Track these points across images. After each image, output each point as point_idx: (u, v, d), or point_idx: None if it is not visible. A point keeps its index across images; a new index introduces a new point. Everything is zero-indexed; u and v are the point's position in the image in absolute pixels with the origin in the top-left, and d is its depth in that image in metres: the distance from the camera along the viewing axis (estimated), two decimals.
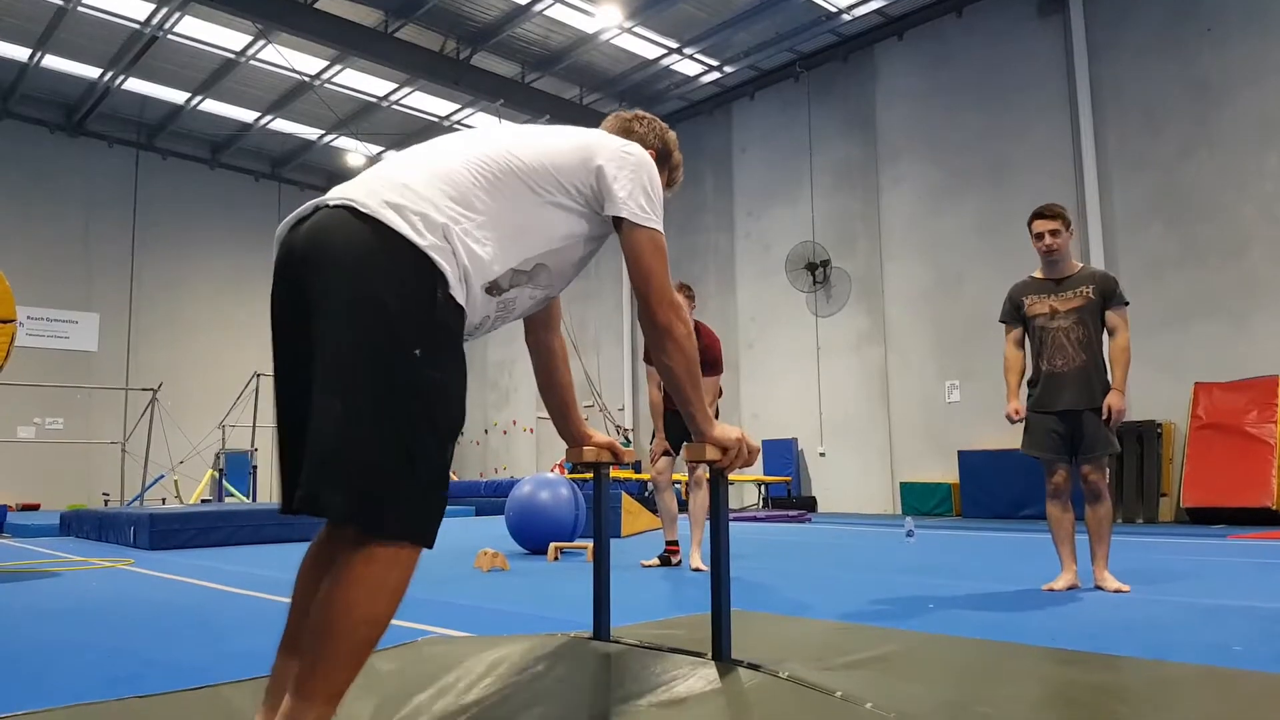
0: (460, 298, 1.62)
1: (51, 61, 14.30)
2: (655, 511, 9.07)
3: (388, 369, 1.50)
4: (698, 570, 5.21)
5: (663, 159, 2.14)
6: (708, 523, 3.60)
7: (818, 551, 6.92)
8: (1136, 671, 2.31)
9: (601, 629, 2.37)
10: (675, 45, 13.79)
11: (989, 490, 11.10)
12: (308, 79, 14.49)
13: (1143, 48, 10.77)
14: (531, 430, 18.46)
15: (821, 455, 13.69)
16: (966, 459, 11.56)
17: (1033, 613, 3.58)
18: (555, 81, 15.06)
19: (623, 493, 9.36)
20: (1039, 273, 4.43)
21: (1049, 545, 4.47)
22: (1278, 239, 9.62)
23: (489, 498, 14.09)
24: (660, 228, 1.86)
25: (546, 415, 2.34)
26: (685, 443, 2.35)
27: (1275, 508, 8.92)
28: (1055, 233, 4.29)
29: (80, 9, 12.70)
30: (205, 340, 17.60)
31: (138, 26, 13.21)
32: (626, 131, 2.12)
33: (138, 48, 13.77)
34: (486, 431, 19.87)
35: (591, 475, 2.43)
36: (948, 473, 12.00)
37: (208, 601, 4.24)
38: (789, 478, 13.64)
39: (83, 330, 16.38)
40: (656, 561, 5.57)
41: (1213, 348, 9.92)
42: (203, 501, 13.20)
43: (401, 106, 15.91)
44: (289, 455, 1.65)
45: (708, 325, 5.69)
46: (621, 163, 1.84)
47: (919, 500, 12.14)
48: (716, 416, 4.97)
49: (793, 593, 4.34)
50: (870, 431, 13.10)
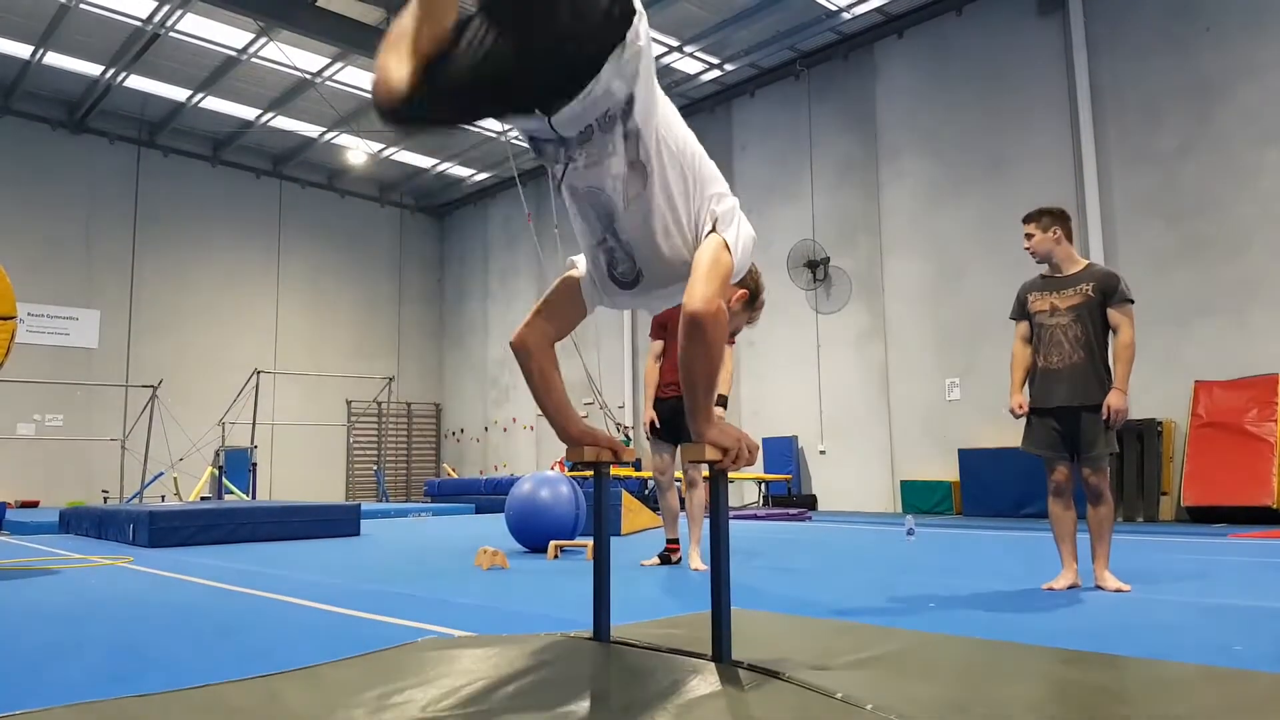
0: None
1: (53, 59, 14.30)
2: (656, 509, 9.07)
3: None
4: (697, 570, 5.21)
5: (751, 299, 2.50)
6: (706, 521, 3.59)
7: (818, 550, 6.92)
8: (1137, 671, 2.31)
9: (601, 629, 2.37)
10: (676, 43, 13.77)
11: (989, 488, 11.10)
12: (309, 76, 14.48)
13: (1142, 45, 10.76)
14: (531, 428, 18.47)
15: (822, 453, 13.69)
16: (967, 457, 11.55)
17: (1033, 612, 3.58)
18: None
19: (623, 490, 9.36)
20: (1045, 270, 4.45)
21: (1050, 544, 4.47)
22: (1278, 236, 9.61)
23: (489, 495, 14.11)
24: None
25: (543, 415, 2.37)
26: (684, 443, 2.36)
27: (1276, 506, 8.92)
28: (1029, 235, 4.39)
29: (82, 6, 12.70)
30: (206, 337, 17.60)
31: (139, 24, 13.20)
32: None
33: (139, 45, 13.76)
34: (486, 429, 19.88)
35: (592, 473, 2.43)
36: (948, 471, 12.00)
37: (207, 599, 4.24)
38: (789, 476, 13.64)
39: (83, 327, 16.38)
40: (656, 560, 5.57)
41: (1213, 346, 9.91)
42: (202, 499, 13.20)
43: None
44: None
45: None
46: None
47: (919, 498, 12.14)
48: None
49: (793, 591, 4.33)
50: (871, 429, 13.10)
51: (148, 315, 17.07)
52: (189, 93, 15.57)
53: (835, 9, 12.83)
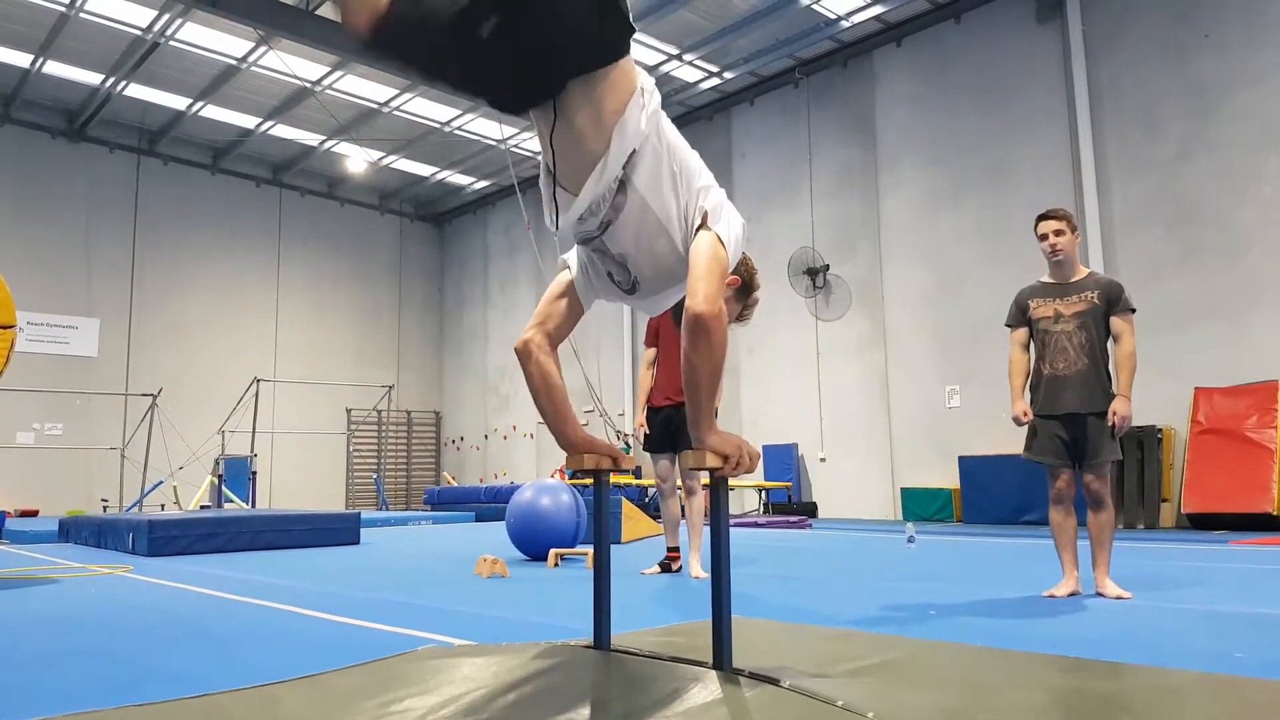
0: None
1: (53, 68, 14.34)
2: (657, 517, 9.06)
3: None
4: (698, 578, 5.20)
5: (745, 290, 2.52)
6: (706, 529, 3.59)
7: (818, 558, 6.91)
8: (1138, 678, 2.31)
9: (602, 637, 2.36)
10: (675, 51, 13.81)
11: (990, 496, 11.09)
12: (309, 85, 14.52)
13: (1141, 52, 10.79)
14: (531, 436, 18.46)
15: (822, 461, 13.68)
16: (967, 464, 11.55)
17: (1034, 620, 3.57)
18: None
19: (623, 498, 9.35)
20: (1047, 277, 4.44)
21: (1050, 551, 4.46)
22: (1277, 242, 9.62)
23: (489, 504, 14.09)
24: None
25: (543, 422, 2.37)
26: (685, 450, 2.35)
27: (1276, 513, 8.91)
28: (1059, 233, 4.31)
29: (82, 15, 12.74)
30: (205, 346, 17.61)
31: (139, 33, 13.24)
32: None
33: (139, 54, 13.80)
34: (486, 437, 19.87)
35: (592, 481, 2.43)
36: (948, 478, 11.99)
37: (207, 608, 4.23)
38: (789, 483, 13.63)
39: (83, 336, 16.39)
40: (657, 569, 5.56)
41: (1213, 352, 9.91)
42: (202, 507, 13.19)
43: (402, 112, 15.94)
44: None
45: None
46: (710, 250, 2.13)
47: (920, 506, 12.13)
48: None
49: (794, 599, 4.33)
50: (871, 437, 13.09)
51: (147, 324, 17.07)
52: (189, 101, 15.60)
53: (834, 17, 12.86)
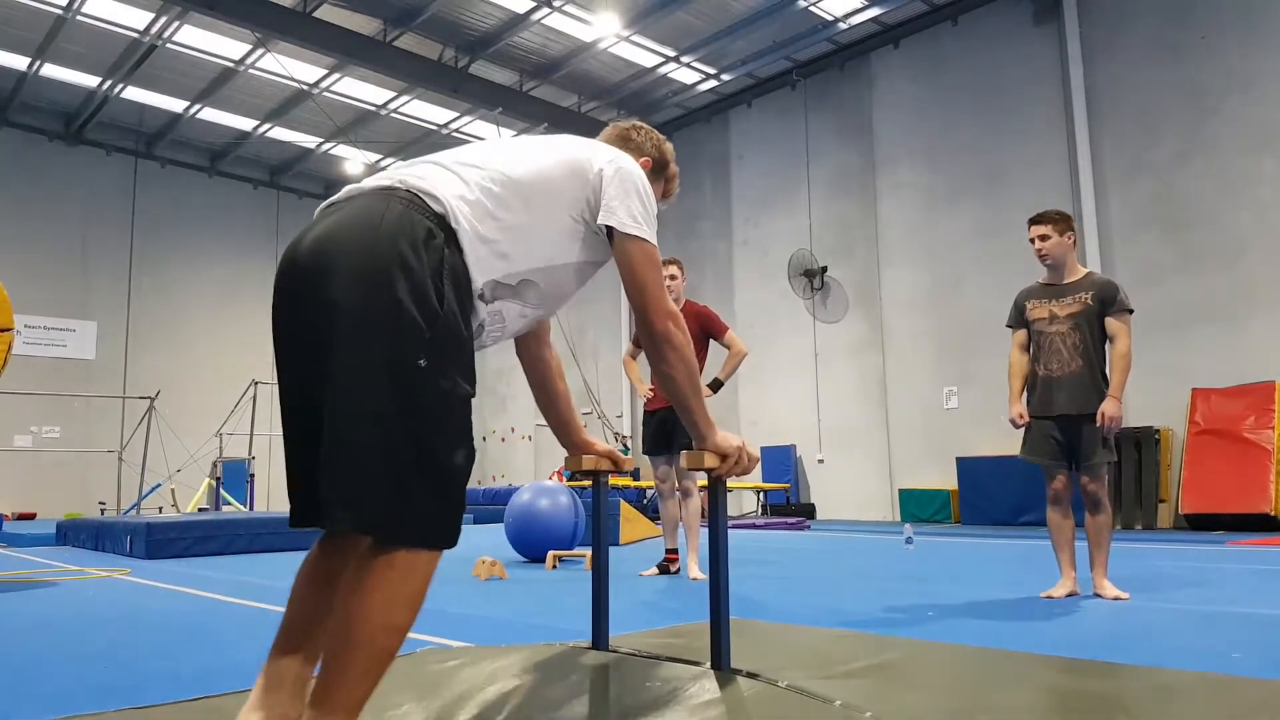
0: (473, 273, 1.63)
1: (50, 70, 14.33)
2: (656, 519, 9.06)
3: (397, 379, 1.49)
4: (696, 579, 5.20)
5: (659, 169, 2.15)
6: (704, 531, 3.59)
7: (816, 559, 6.91)
8: (1135, 679, 2.31)
9: (600, 638, 2.37)
10: (673, 53, 13.83)
11: (988, 497, 11.10)
12: (306, 87, 14.52)
13: (1138, 55, 10.81)
14: (530, 438, 18.46)
15: (820, 462, 13.68)
16: (965, 465, 11.56)
17: (1032, 620, 3.57)
18: (553, 90, 15.09)
19: (621, 500, 9.35)
20: (1045, 278, 4.45)
21: (1048, 552, 4.47)
22: (1274, 244, 9.64)
23: (487, 505, 14.08)
24: (652, 239, 1.84)
25: (545, 423, 2.35)
26: (684, 450, 2.34)
27: (1273, 514, 8.93)
28: (1045, 237, 4.32)
29: (79, 18, 12.73)
30: (203, 348, 17.59)
31: (137, 35, 13.24)
32: (624, 140, 2.13)
33: (136, 56, 13.80)
34: (484, 439, 19.86)
35: (590, 483, 2.43)
36: (946, 479, 12.00)
37: (205, 611, 4.22)
38: (788, 485, 13.63)
39: (80, 338, 16.37)
40: (655, 570, 5.56)
41: (1210, 353, 9.93)
42: (200, 510, 13.17)
43: (400, 115, 15.95)
44: (298, 466, 1.64)
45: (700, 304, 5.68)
46: (615, 173, 1.83)
47: (918, 507, 12.14)
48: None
49: (792, 601, 4.33)
50: (869, 438, 13.10)
51: (145, 326, 17.06)
52: (186, 104, 15.60)
53: (831, 19, 12.88)
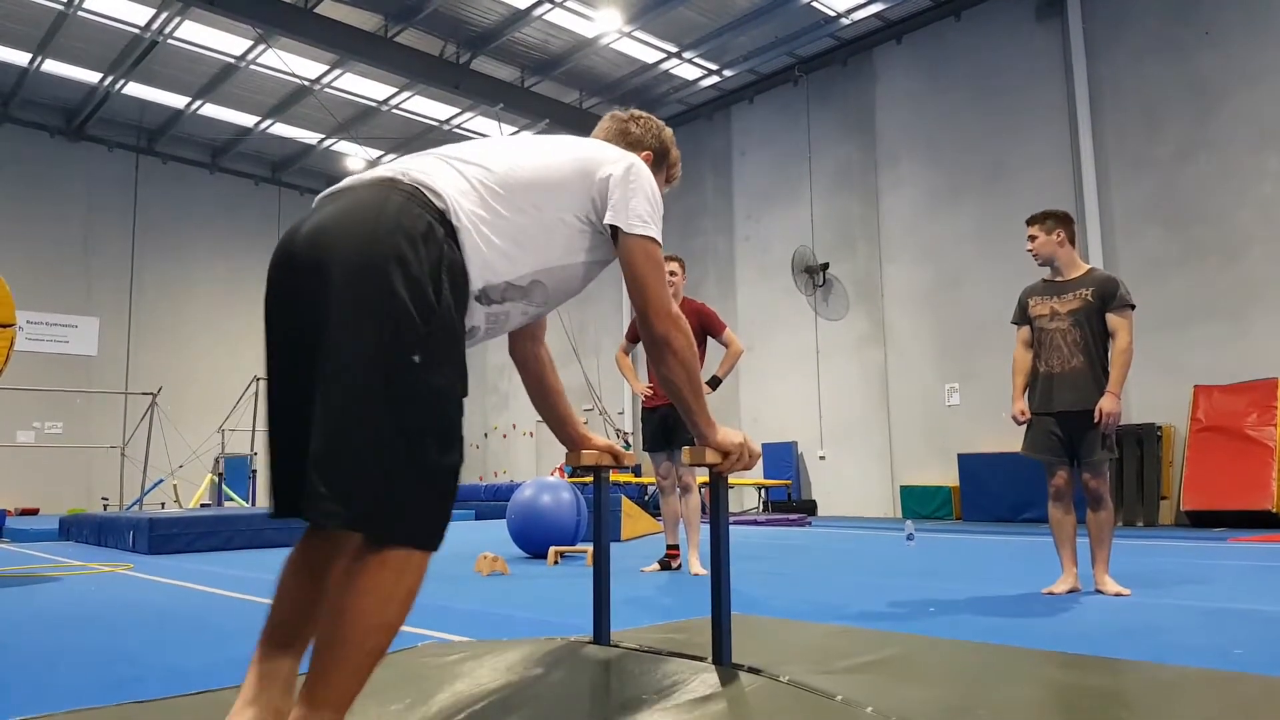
0: (472, 274, 1.62)
1: (52, 66, 14.32)
2: (657, 515, 9.07)
3: (390, 374, 1.48)
4: (697, 575, 5.21)
5: (660, 158, 2.14)
6: (705, 527, 3.59)
7: (818, 555, 6.91)
8: (1137, 675, 2.31)
9: (601, 633, 2.37)
10: (675, 49, 13.81)
11: (989, 493, 11.10)
12: (308, 83, 14.51)
13: (1141, 50, 10.79)
14: (531, 434, 18.46)
15: (821, 458, 13.68)
16: (966, 462, 11.55)
17: (1033, 616, 3.58)
18: (555, 85, 15.08)
19: (622, 496, 9.36)
20: (1048, 275, 4.46)
21: (1049, 548, 4.47)
22: (1276, 240, 9.62)
23: (489, 501, 14.09)
24: (657, 237, 1.83)
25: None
26: (686, 446, 2.34)
27: (1275, 510, 8.92)
28: (1032, 237, 4.39)
29: (81, 14, 12.73)
30: (205, 344, 17.60)
31: (138, 31, 13.23)
32: (623, 133, 2.12)
33: (138, 52, 13.79)
34: (486, 435, 19.87)
35: (592, 479, 2.43)
36: (948, 476, 12.00)
37: (207, 606, 4.23)
38: (789, 481, 13.63)
39: (82, 334, 16.38)
40: (656, 566, 5.57)
41: (1212, 350, 9.92)
42: (202, 506, 13.19)
43: (401, 111, 15.93)
44: (283, 458, 1.63)
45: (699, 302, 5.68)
46: (623, 173, 1.83)
47: (919, 503, 12.13)
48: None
49: (793, 596, 4.33)
50: (870, 434, 13.10)
51: (147, 322, 17.07)
52: (188, 100, 15.59)
53: (834, 15, 12.86)
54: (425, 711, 1.91)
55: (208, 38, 13.49)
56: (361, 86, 15.02)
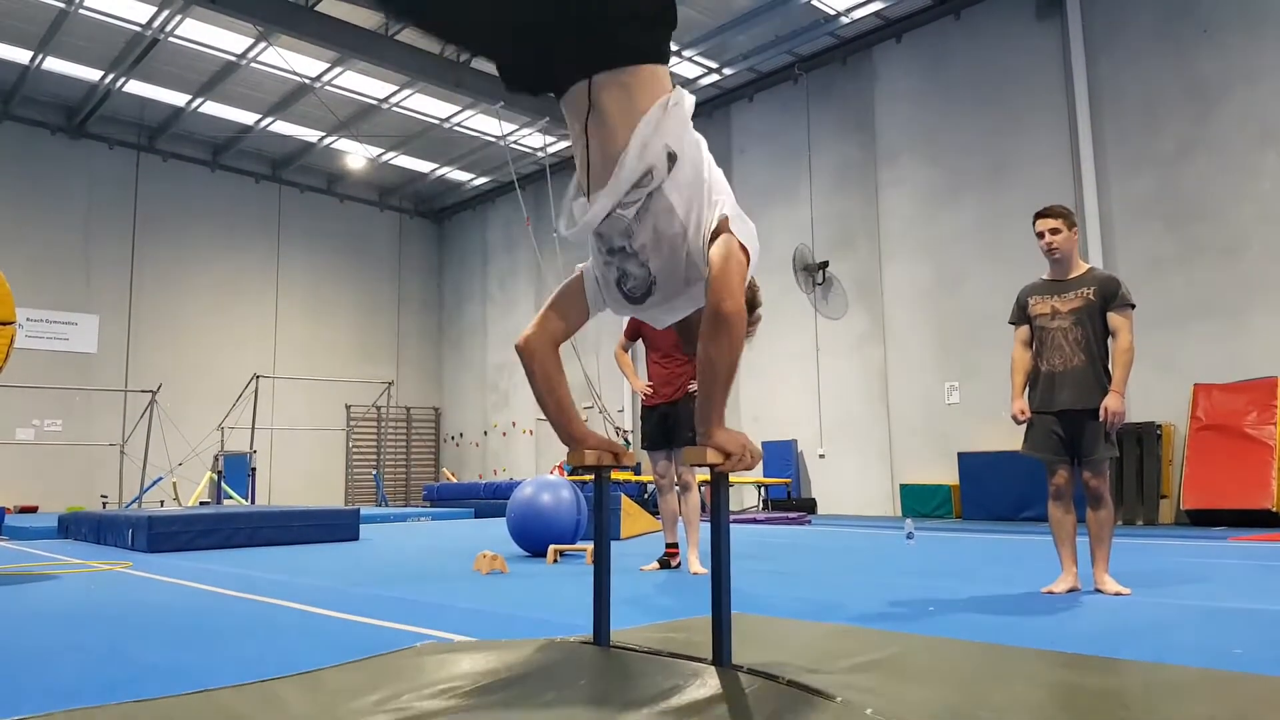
0: None
1: (53, 64, 14.32)
2: (656, 514, 9.06)
3: None
4: (697, 574, 5.20)
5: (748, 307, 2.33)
6: (705, 525, 3.59)
7: (818, 554, 6.91)
8: (1137, 674, 2.31)
9: (601, 633, 2.36)
10: (675, 47, 13.79)
11: (989, 492, 11.09)
12: (308, 81, 14.50)
13: (1140, 49, 10.78)
14: (531, 432, 18.46)
15: (821, 457, 13.68)
16: (967, 460, 11.55)
17: (1033, 616, 3.57)
18: None
19: (622, 495, 9.36)
20: (1048, 274, 4.45)
21: (1049, 548, 4.47)
22: (1276, 238, 9.62)
23: (488, 500, 14.09)
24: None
25: (545, 418, 2.37)
26: (684, 446, 2.34)
27: (1275, 509, 8.92)
28: (1055, 230, 4.32)
29: (81, 11, 12.72)
30: (205, 342, 17.60)
31: (139, 29, 13.22)
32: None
33: (139, 50, 13.78)
34: (486, 433, 19.88)
35: (592, 477, 2.43)
36: (948, 474, 12.00)
37: (206, 605, 4.23)
38: (789, 479, 13.63)
39: (82, 332, 16.38)
40: (656, 565, 5.56)
41: (1212, 348, 9.91)
42: (201, 504, 13.20)
43: (402, 109, 15.92)
44: None
45: None
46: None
47: (919, 502, 12.13)
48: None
49: (793, 595, 4.33)
50: (870, 433, 13.09)
51: (147, 320, 17.07)
52: (188, 98, 15.58)
53: (834, 13, 12.85)
54: (424, 711, 1.91)
55: (208, 35, 13.48)
56: (362, 84, 15.01)
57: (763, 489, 13.67)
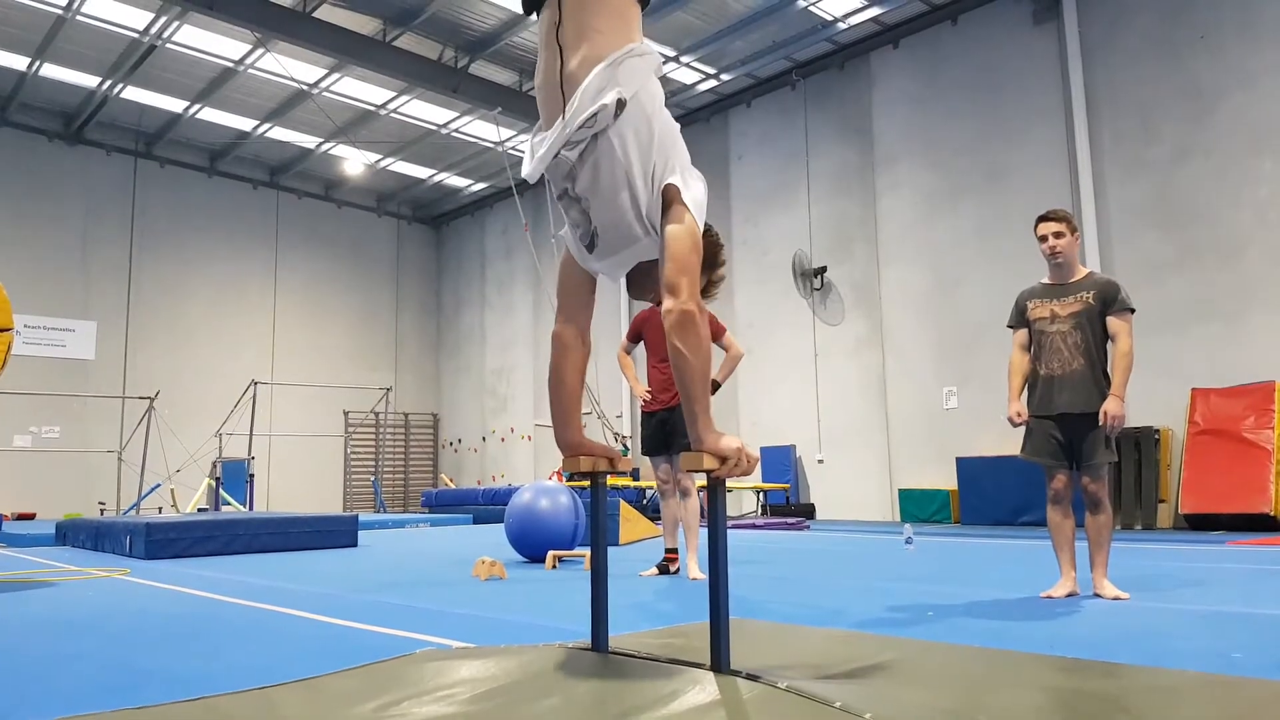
0: None
1: (50, 70, 14.33)
2: (656, 519, 9.06)
3: None
4: (695, 579, 5.20)
5: (708, 264, 2.34)
6: (703, 531, 3.60)
7: (816, 559, 6.91)
8: (1136, 679, 2.31)
9: (599, 639, 2.36)
10: (673, 53, 13.82)
11: (987, 497, 11.10)
12: (306, 87, 14.52)
13: (1137, 54, 10.81)
14: (529, 438, 18.45)
15: (820, 462, 13.68)
16: (965, 465, 11.55)
17: (1032, 620, 3.57)
18: None
19: (620, 500, 9.35)
20: (1047, 278, 4.45)
21: (1048, 552, 4.47)
22: (1273, 243, 9.64)
23: (486, 506, 14.08)
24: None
25: (544, 423, 2.38)
26: (682, 451, 2.34)
27: (1273, 514, 8.92)
28: (1059, 234, 4.31)
29: (79, 18, 12.73)
30: (203, 349, 17.59)
31: (136, 35, 13.24)
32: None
33: (136, 56, 13.80)
34: (484, 439, 19.86)
35: (589, 483, 2.43)
36: (946, 479, 12.00)
37: (204, 611, 4.22)
38: (787, 485, 13.63)
39: (80, 338, 16.36)
40: (655, 571, 5.56)
41: (1209, 353, 9.93)
42: (199, 510, 13.17)
43: (400, 115, 15.94)
44: None
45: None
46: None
47: (917, 507, 12.13)
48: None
49: (791, 601, 4.33)
50: (869, 438, 13.09)
51: (145, 326, 17.06)
52: (186, 104, 15.60)
53: (831, 19, 12.88)
54: (423, 718, 1.91)
55: (206, 42, 13.50)
56: (360, 90, 15.03)
57: (761, 494, 13.67)
